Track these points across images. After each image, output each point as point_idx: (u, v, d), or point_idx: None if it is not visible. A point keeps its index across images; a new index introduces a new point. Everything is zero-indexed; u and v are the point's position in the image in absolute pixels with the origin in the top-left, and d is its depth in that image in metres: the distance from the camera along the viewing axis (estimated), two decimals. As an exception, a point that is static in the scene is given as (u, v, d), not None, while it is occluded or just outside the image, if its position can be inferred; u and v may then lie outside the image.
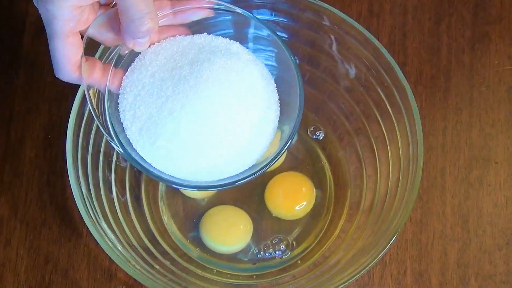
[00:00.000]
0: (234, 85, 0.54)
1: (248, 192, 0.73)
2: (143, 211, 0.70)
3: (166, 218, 0.72)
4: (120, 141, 0.54)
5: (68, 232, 0.71)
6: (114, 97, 0.56)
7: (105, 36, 0.53)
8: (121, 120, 0.55)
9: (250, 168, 0.57)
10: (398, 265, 0.70)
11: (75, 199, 0.60)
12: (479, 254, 0.70)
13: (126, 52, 0.56)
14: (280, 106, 0.58)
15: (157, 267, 0.65)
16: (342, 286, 0.59)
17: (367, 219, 0.67)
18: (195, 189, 0.64)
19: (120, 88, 0.55)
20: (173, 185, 0.56)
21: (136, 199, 0.70)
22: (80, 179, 0.61)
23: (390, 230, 0.60)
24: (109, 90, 0.55)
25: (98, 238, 0.59)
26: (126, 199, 0.69)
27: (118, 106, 0.55)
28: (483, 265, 0.70)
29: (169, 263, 0.67)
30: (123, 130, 0.55)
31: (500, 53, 0.76)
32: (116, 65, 0.55)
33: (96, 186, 0.64)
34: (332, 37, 0.66)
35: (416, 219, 0.71)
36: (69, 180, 0.60)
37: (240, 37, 0.70)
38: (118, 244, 0.62)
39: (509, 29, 0.77)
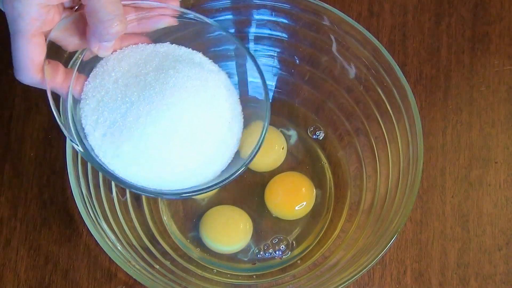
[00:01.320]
0: (199, 94, 0.54)
1: (248, 192, 0.73)
2: (143, 211, 0.70)
3: (166, 218, 0.72)
4: (85, 146, 0.53)
5: (68, 232, 0.71)
6: (77, 103, 0.54)
7: (67, 40, 0.52)
8: (83, 126, 0.53)
9: (217, 177, 0.56)
10: (398, 265, 0.70)
11: (75, 199, 0.60)
12: (479, 254, 0.70)
13: (89, 57, 0.54)
14: (257, 109, 0.58)
15: (157, 267, 0.65)
16: (342, 286, 0.59)
17: (367, 219, 0.67)
18: (159, 196, 0.63)
19: (81, 94, 0.54)
20: (135, 191, 0.54)
21: (136, 199, 0.70)
22: (80, 179, 0.61)
23: (390, 230, 0.60)
24: (72, 95, 0.53)
25: (98, 238, 0.59)
26: (126, 199, 0.69)
27: (80, 112, 0.54)
28: (483, 265, 0.70)
29: (169, 263, 0.67)
30: (85, 135, 0.54)
31: (500, 53, 0.76)
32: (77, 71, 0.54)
33: (96, 186, 0.64)
34: (332, 37, 0.66)
35: (416, 219, 0.71)
36: (69, 180, 0.60)
37: (241, 37, 0.70)
38: (118, 244, 0.62)
39: (509, 29, 0.77)
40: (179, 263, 0.69)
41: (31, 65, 0.50)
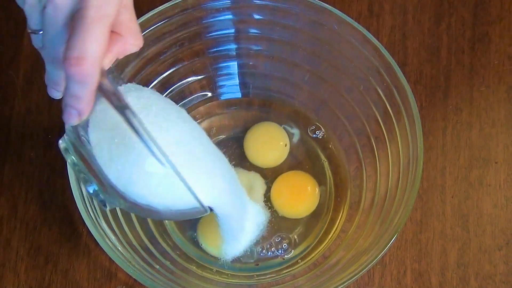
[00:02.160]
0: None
1: (248, 192, 0.73)
2: (143, 211, 0.70)
3: (166, 218, 0.72)
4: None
5: (68, 232, 0.71)
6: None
7: None
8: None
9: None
10: (398, 265, 0.70)
11: (75, 199, 0.60)
12: (479, 254, 0.70)
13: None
14: None
15: (157, 267, 0.65)
16: (342, 286, 0.59)
17: (367, 219, 0.67)
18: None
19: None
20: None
21: (136, 199, 0.70)
22: (80, 179, 0.61)
23: (390, 230, 0.60)
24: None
25: (98, 238, 0.59)
26: (126, 199, 0.68)
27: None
28: (483, 265, 0.70)
29: (169, 263, 0.67)
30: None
31: (500, 53, 0.76)
32: None
33: (96, 186, 0.64)
34: (332, 37, 0.66)
35: (416, 219, 0.71)
36: (69, 180, 0.60)
37: (242, 37, 0.70)
38: (118, 244, 0.62)
39: (509, 29, 0.77)
40: (179, 263, 0.69)
41: (102, 58, 0.43)
